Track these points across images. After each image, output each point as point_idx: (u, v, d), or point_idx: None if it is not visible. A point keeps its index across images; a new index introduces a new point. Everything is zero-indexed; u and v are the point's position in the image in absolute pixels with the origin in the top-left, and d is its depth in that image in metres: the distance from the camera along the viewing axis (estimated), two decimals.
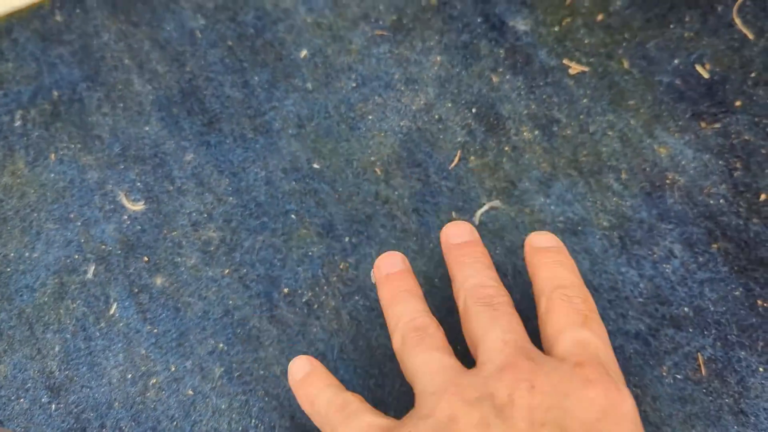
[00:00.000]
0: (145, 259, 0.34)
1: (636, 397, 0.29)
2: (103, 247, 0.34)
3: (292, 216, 0.34)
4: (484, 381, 0.24)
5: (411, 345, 0.26)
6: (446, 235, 0.30)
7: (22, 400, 0.32)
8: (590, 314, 0.26)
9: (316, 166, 0.35)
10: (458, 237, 0.29)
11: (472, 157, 0.35)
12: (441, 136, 0.35)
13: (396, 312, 0.28)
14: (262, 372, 0.31)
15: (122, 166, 0.36)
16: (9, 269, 0.34)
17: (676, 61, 0.36)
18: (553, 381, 0.23)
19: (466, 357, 0.28)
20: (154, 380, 0.32)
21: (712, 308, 0.30)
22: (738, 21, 0.36)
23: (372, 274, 0.31)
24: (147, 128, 0.37)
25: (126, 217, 0.35)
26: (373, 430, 0.25)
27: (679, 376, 0.29)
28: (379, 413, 0.26)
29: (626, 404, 0.23)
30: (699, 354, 0.30)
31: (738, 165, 0.33)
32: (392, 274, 0.29)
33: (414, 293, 0.28)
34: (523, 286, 0.32)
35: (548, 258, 0.28)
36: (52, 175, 0.36)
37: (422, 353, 0.26)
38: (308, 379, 0.28)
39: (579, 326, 0.25)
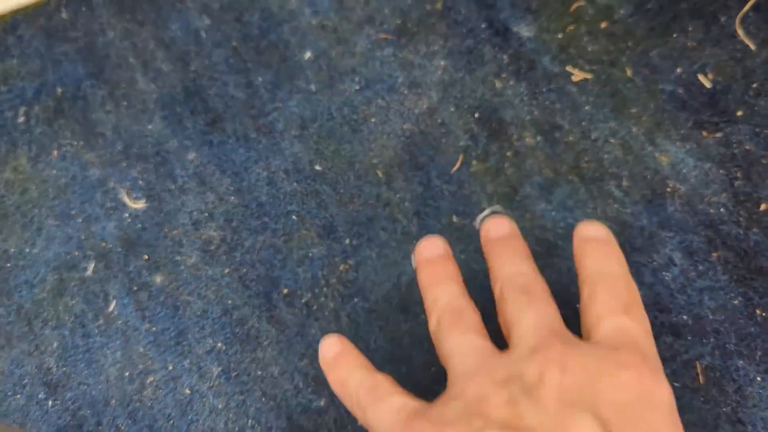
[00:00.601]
0: (145, 257, 0.34)
1: None
2: (104, 244, 0.34)
3: (294, 217, 0.34)
4: (516, 362, 0.24)
5: (446, 327, 0.26)
6: (486, 230, 0.29)
7: (18, 395, 0.32)
8: (633, 303, 0.25)
9: (318, 167, 0.35)
10: (498, 231, 0.29)
11: (474, 162, 0.35)
12: (443, 140, 0.35)
13: (433, 294, 0.27)
14: (259, 372, 0.31)
15: (124, 164, 0.36)
16: (9, 265, 0.34)
17: (678, 70, 0.36)
18: (586, 363, 0.23)
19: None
20: (152, 378, 0.32)
21: (711, 317, 0.30)
22: (740, 32, 0.36)
23: (412, 257, 0.31)
24: (150, 126, 0.37)
25: (127, 214, 0.35)
26: (403, 412, 0.24)
27: (677, 384, 0.29)
28: (410, 395, 0.25)
29: (663, 392, 0.23)
30: (697, 362, 0.30)
31: (739, 174, 0.33)
32: (432, 258, 0.29)
33: (453, 277, 0.28)
34: None
35: (595, 248, 0.27)
36: (54, 171, 0.36)
37: (457, 335, 0.26)
38: (339, 359, 0.28)
39: (620, 313, 0.25)
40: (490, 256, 0.28)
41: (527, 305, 0.25)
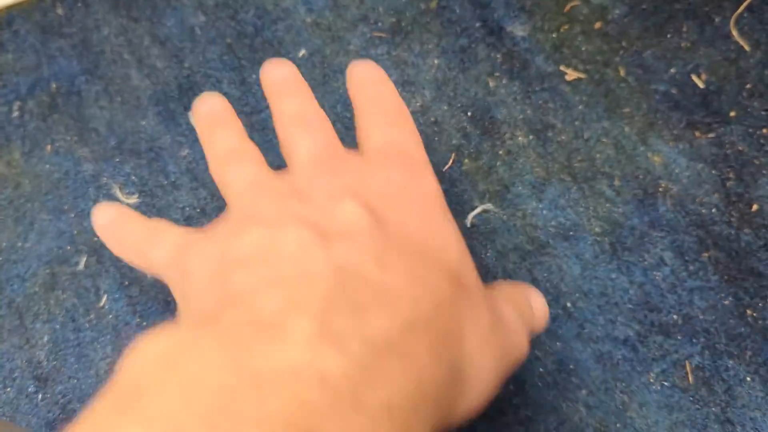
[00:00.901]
0: None
1: (623, 404, 0.29)
2: (96, 239, 0.34)
3: None
4: (290, 178, 0.25)
5: (228, 162, 0.26)
6: (265, 72, 0.29)
7: (8, 389, 0.32)
8: (402, 118, 0.27)
9: None
10: (276, 74, 0.28)
11: (467, 160, 0.35)
12: (436, 139, 0.35)
13: (215, 140, 0.27)
14: None
15: (118, 160, 0.36)
16: (1, 258, 0.34)
17: (672, 71, 0.36)
18: (356, 167, 0.24)
19: None
20: None
21: (701, 316, 0.30)
22: (735, 32, 0.36)
23: (190, 115, 0.30)
24: (144, 122, 0.37)
25: None
26: (181, 240, 0.25)
27: (666, 384, 0.29)
28: (189, 228, 0.26)
29: (428, 184, 0.24)
30: (687, 362, 0.30)
31: (731, 175, 0.33)
32: (213, 113, 0.28)
33: (233, 124, 0.28)
34: None
35: (368, 81, 0.28)
36: (48, 166, 0.36)
37: (237, 167, 0.26)
38: (112, 222, 0.27)
39: (389, 126, 0.26)
40: (272, 99, 0.28)
41: (304, 132, 0.26)
